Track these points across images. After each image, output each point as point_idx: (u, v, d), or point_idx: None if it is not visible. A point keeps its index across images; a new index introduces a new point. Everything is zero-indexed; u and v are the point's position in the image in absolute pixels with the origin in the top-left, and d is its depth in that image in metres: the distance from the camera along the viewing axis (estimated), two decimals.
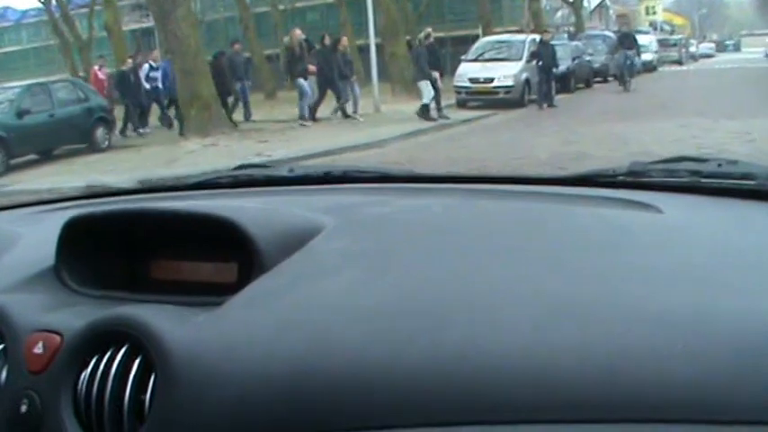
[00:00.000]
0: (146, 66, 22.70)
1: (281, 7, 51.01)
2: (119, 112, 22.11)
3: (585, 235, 1.36)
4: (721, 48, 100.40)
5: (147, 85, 22.18)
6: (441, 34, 21.52)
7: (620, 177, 1.73)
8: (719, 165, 1.72)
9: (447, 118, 19.92)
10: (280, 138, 17.08)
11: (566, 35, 40.09)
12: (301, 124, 19.66)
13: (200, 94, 18.50)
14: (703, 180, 1.63)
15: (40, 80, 21.35)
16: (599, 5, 68.80)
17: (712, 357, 0.93)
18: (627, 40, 28.50)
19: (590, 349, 0.97)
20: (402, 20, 31.74)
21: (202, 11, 52.63)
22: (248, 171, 2.21)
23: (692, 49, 73.56)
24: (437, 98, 20.22)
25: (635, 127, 15.34)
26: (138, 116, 22.02)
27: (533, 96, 23.13)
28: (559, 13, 60.24)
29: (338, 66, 20.48)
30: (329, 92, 20.75)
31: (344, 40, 21.64)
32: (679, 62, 56.88)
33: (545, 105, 22.28)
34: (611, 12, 75.65)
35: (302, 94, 20.18)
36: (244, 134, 18.33)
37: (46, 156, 17.73)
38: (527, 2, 44.31)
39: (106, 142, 19.16)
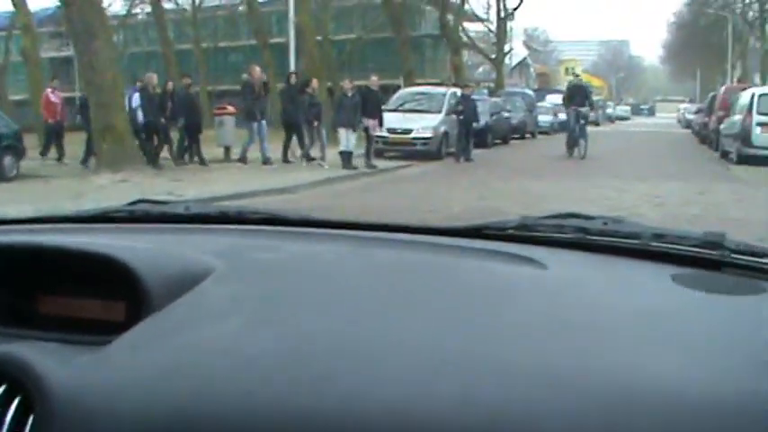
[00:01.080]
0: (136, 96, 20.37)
1: (204, 45, 51.08)
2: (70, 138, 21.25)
3: (471, 288, 1.39)
4: (636, 111, 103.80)
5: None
6: (362, 82, 21.42)
7: (510, 231, 1.76)
8: (605, 223, 1.76)
9: (374, 167, 19.84)
10: (193, 178, 16.86)
11: (486, 91, 40.70)
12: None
13: (113, 127, 18.23)
14: (589, 237, 1.67)
15: None
16: (520, 63, 70.26)
17: (587, 414, 0.95)
18: (578, 95, 24.02)
19: (471, 402, 0.98)
20: (324, 66, 31.90)
21: (125, 42, 52.37)
22: (144, 206, 2.20)
23: (609, 111, 75.54)
24: (368, 146, 20.22)
25: (550, 186, 15.61)
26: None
27: (451, 149, 23.31)
28: (481, 69, 61.44)
29: (304, 108, 19.84)
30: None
31: (315, 82, 20.82)
32: (596, 123, 58.18)
33: (462, 159, 22.51)
34: (531, 70, 77.37)
35: (255, 135, 19.78)
36: (158, 172, 18.06)
37: None
38: (449, 56, 45.10)
39: (14, 171, 18.63)
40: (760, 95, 22.25)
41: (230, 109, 22.42)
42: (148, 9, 49.97)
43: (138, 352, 1.15)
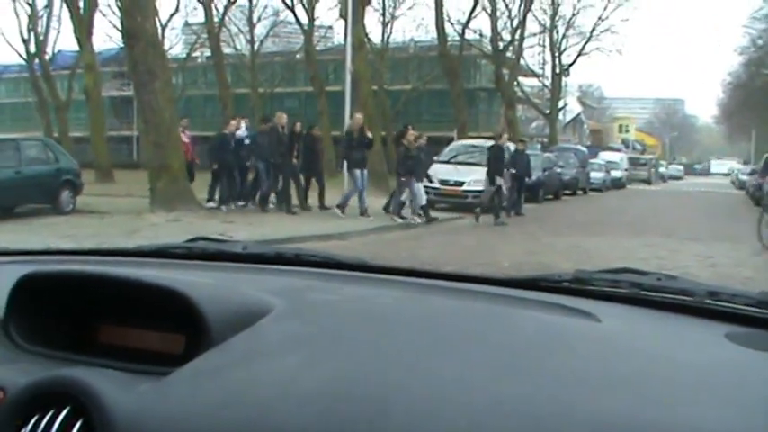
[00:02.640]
0: (239, 133, 20.64)
1: (261, 90, 51.55)
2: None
3: (525, 338, 1.39)
4: (689, 171, 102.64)
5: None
6: (416, 133, 21.32)
7: (565, 283, 1.77)
8: (659, 279, 1.77)
9: (504, 224, 19.41)
10: (246, 220, 16.98)
11: (539, 146, 40.63)
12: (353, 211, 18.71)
13: (169, 168, 18.44)
14: (643, 293, 1.68)
15: (11, 136, 21.17)
16: (573, 119, 69.98)
17: None
18: None
19: None
20: (379, 115, 32.07)
21: (183, 84, 53.11)
22: (202, 244, 2.24)
23: (662, 169, 74.91)
24: (498, 203, 19.92)
25: (601, 243, 15.45)
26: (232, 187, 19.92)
27: (503, 203, 23.16)
28: (534, 124, 61.29)
29: (399, 161, 19.23)
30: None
31: (411, 135, 19.47)
32: (648, 182, 57.76)
33: (513, 213, 22.37)
34: (585, 126, 77.00)
35: (359, 184, 19.06)
36: (210, 213, 18.21)
37: (7, 212, 17.47)
38: (503, 110, 45.13)
39: (71, 205, 18.97)
40: None
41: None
42: (208, 53, 50.70)
43: (197, 384, 1.17)
